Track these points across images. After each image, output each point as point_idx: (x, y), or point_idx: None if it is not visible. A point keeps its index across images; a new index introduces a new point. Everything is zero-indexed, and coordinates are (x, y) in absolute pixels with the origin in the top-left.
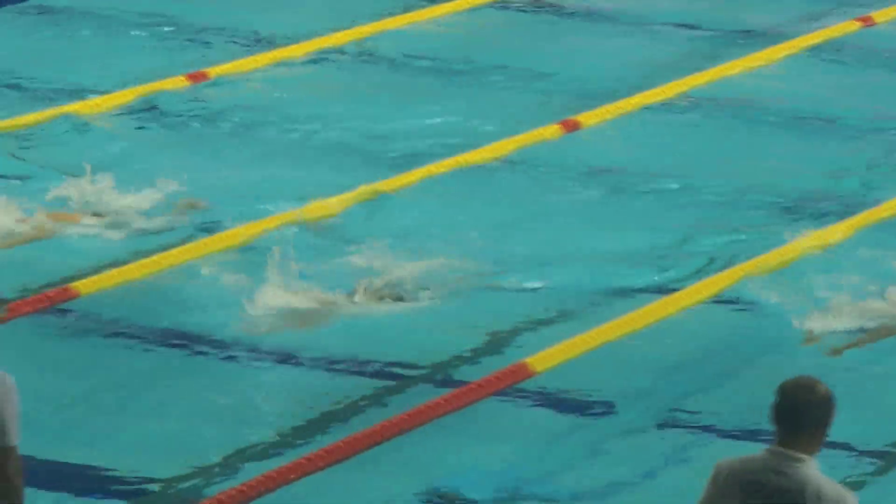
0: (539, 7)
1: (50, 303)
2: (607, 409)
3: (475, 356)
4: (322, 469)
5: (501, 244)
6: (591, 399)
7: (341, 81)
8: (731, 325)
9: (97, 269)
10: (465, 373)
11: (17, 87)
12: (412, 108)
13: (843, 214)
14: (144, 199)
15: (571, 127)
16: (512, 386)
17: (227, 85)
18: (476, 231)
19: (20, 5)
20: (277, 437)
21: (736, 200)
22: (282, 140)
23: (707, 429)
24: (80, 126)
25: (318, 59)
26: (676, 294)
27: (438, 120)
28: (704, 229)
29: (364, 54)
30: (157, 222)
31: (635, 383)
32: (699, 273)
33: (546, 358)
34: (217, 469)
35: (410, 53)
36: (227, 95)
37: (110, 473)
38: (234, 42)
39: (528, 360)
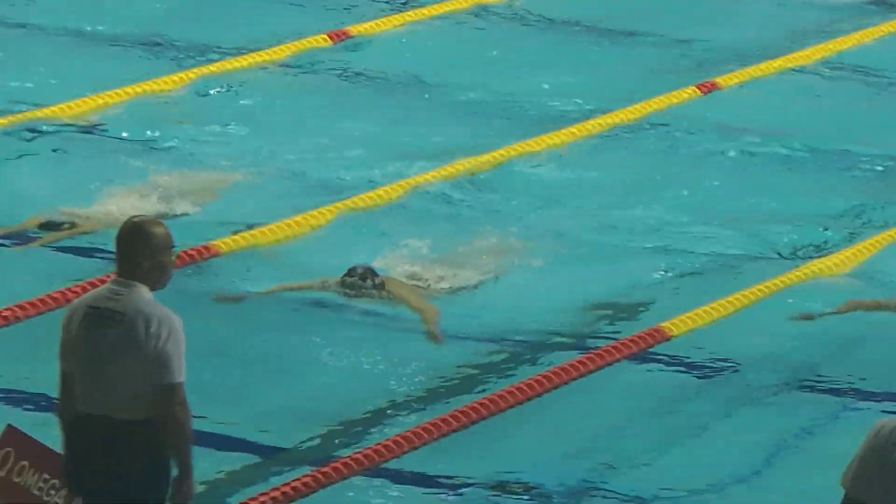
0: None
1: (191, 260)
2: (739, 372)
3: (612, 320)
4: (458, 430)
5: (638, 206)
6: (723, 363)
7: (484, 41)
8: (871, 294)
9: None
10: (601, 336)
11: (167, 46)
12: (551, 69)
13: None
14: (283, 159)
15: (709, 89)
16: (648, 349)
17: (367, 44)
18: (612, 194)
19: None
20: (412, 403)
21: (874, 167)
22: (421, 100)
23: (839, 393)
24: (227, 85)
25: (459, 19)
26: (815, 262)
27: (578, 81)
28: (842, 196)
29: (510, 14)
30: (290, 185)
31: (769, 348)
32: (836, 241)
33: (682, 322)
34: (339, 433)
35: (552, 15)
36: (368, 55)
37: (246, 434)
38: (378, 1)
39: (665, 324)
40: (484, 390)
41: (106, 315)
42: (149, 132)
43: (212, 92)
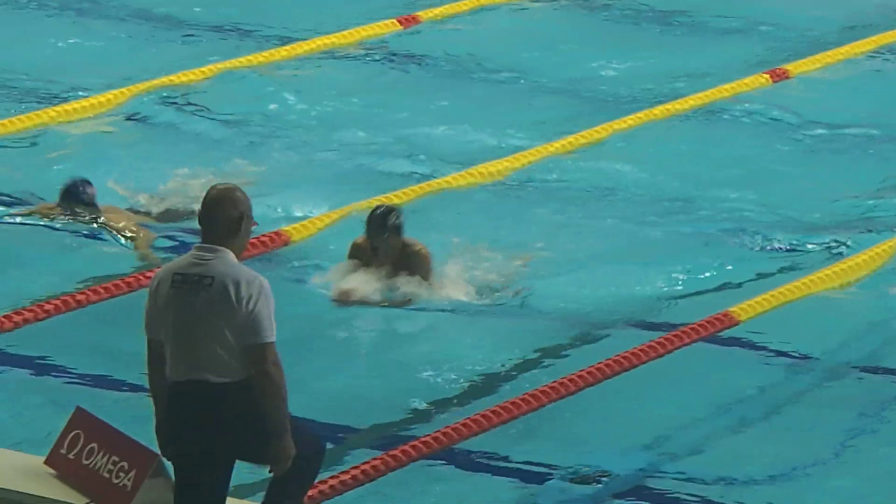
0: None
1: (265, 248)
2: (808, 357)
3: (680, 305)
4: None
5: (705, 192)
6: (791, 348)
7: (552, 27)
8: None
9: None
10: (670, 321)
11: (237, 31)
12: (620, 55)
13: None
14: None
15: (779, 76)
16: (716, 334)
17: (435, 29)
18: (679, 181)
19: None
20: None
21: None
22: (489, 86)
23: None
24: (295, 70)
25: (526, 4)
26: (882, 247)
27: (647, 66)
28: None
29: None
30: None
31: (837, 333)
32: None
33: (750, 307)
34: (409, 416)
35: (622, 0)
36: (436, 40)
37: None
38: None
39: (733, 308)
40: (553, 374)
41: (195, 280)
42: (220, 116)
43: (281, 76)
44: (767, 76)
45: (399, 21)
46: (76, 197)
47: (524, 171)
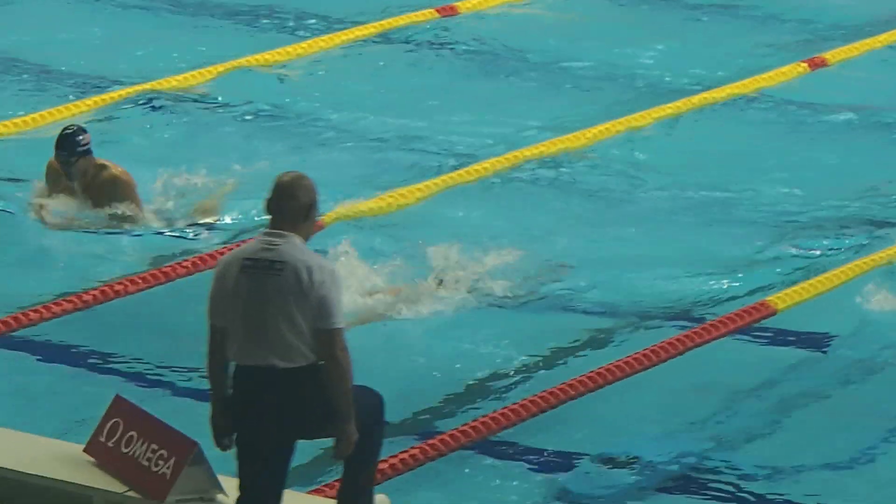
0: None
1: None
2: (847, 346)
3: (718, 294)
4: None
5: (744, 180)
6: (830, 337)
7: (591, 14)
8: None
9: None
10: (708, 310)
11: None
12: (660, 42)
13: None
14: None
15: (818, 64)
16: (754, 324)
17: (473, 18)
18: (719, 169)
19: None
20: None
21: None
22: (528, 73)
23: None
24: (332, 58)
25: None
26: None
27: (688, 54)
28: None
29: None
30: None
31: (877, 322)
32: None
33: (788, 296)
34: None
35: None
36: (474, 29)
37: None
38: None
39: (771, 298)
40: (590, 364)
41: (265, 266)
42: (258, 105)
43: (319, 64)
44: (805, 64)
45: (437, 11)
46: (70, 146)
47: (559, 158)
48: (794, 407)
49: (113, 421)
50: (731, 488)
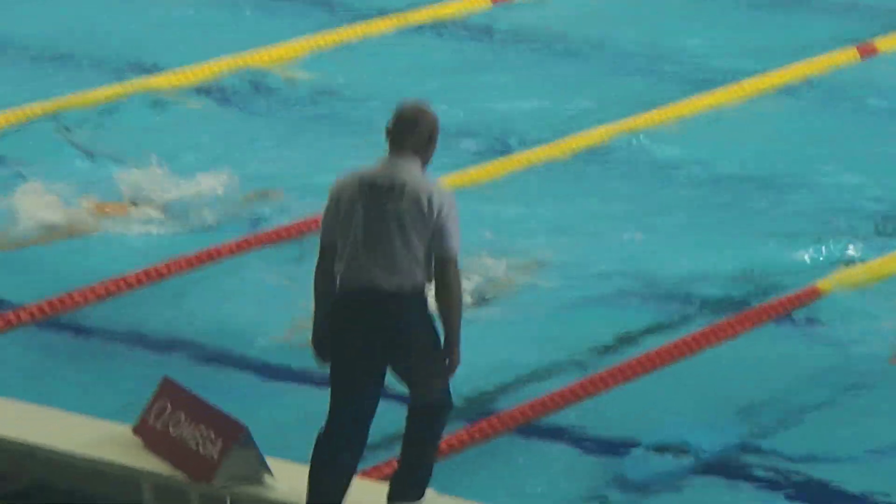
0: None
1: None
2: None
3: (767, 280)
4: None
5: (795, 166)
6: (882, 324)
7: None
8: None
9: None
10: (757, 295)
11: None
12: (711, 29)
13: None
14: None
15: (868, 51)
16: (802, 309)
17: (528, 4)
18: (766, 155)
19: None
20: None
21: None
22: (581, 58)
23: None
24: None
25: None
26: None
27: (737, 40)
28: None
29: None
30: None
31: None
32: None
33: (838, 282)
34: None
35: None
36: (529, 14)
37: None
38: None
39: (820, 283)
40: (638, 349)
41: (384, 189)
42: (308, 90)
43: (379, 48)
44: (856, 51)
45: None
46: None
47: (610, 144)
48: (843, 392)
49: (161, 402)
50: (778, 475)
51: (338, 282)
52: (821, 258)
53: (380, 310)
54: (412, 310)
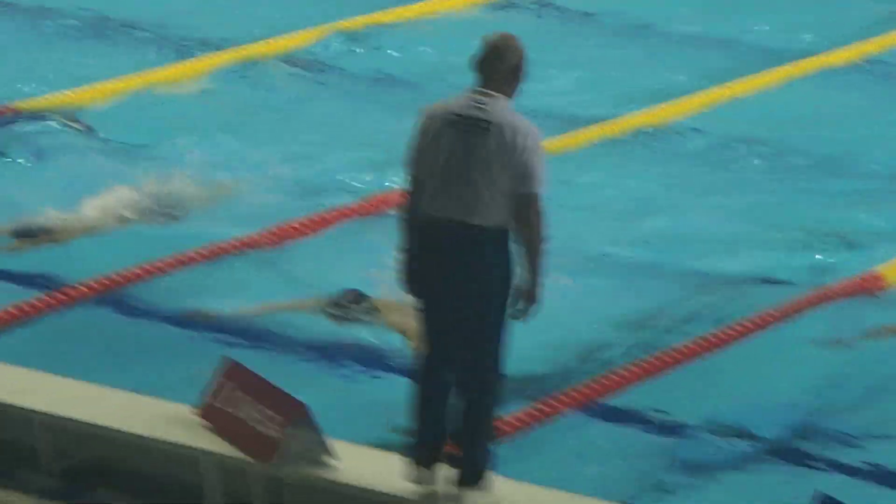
0: None
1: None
2: None
3: (827, 263)
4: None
5: (859, 146)
6: None
7: None
8: None
9: None
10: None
11: None
12: (773, 8)
13: None
14: None
15: None
16: (862, 294)
17: None
18: (832, 134)
19: None
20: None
21: None
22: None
23: None
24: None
25: None
26: None
27: (798, 20)
28: None
29: None
30: None
31: None
32: None
33: None
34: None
35: None
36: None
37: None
38: None
39: (880, 268)
40: (698, 331)
41: (472, 122)
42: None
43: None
44: None
45: None
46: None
47: (683, 120)
48: None
49: (223, 382)
50: (838, 457)
51: (423, 213)
52: (886, 241)
53: (460, 243)
54: (492, 245)
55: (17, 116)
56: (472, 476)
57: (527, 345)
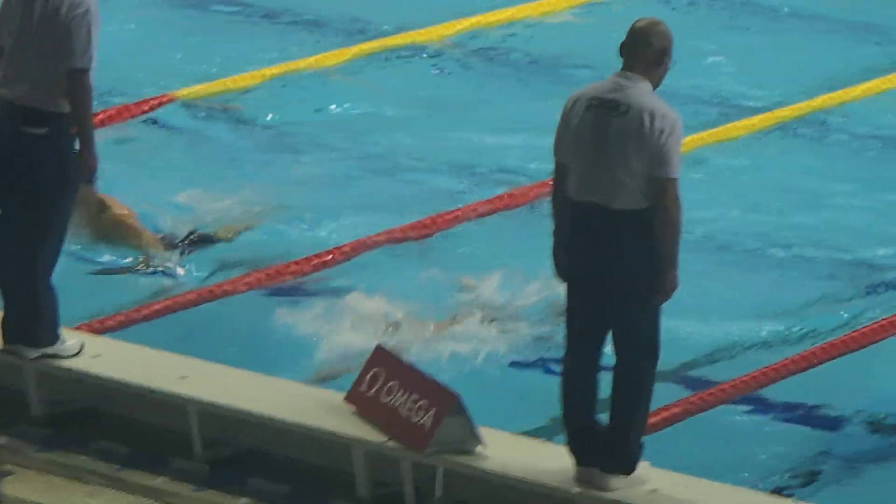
0: None
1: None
2: None
3: None
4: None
5: None
6: None
7: None
8: None
9: None
10: None
11: None
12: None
13: None
14: None
15: None
16: None
17: None
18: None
19: None
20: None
21: None
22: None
23: None
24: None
25: None
26: None
27: None
28: None
29: None
30: None
31: None
32: None
33: None
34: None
35: None
36: None
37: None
38: None
39: None
40: (853, 325)
41: (610, 106)
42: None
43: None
44: None
45: None
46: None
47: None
48: None
49: (374, 371)
50: None
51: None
52: None
53: (603, 227)
54: (634, 230)
55: (173, 104)
56: (623, 464)
57: (681, 334)
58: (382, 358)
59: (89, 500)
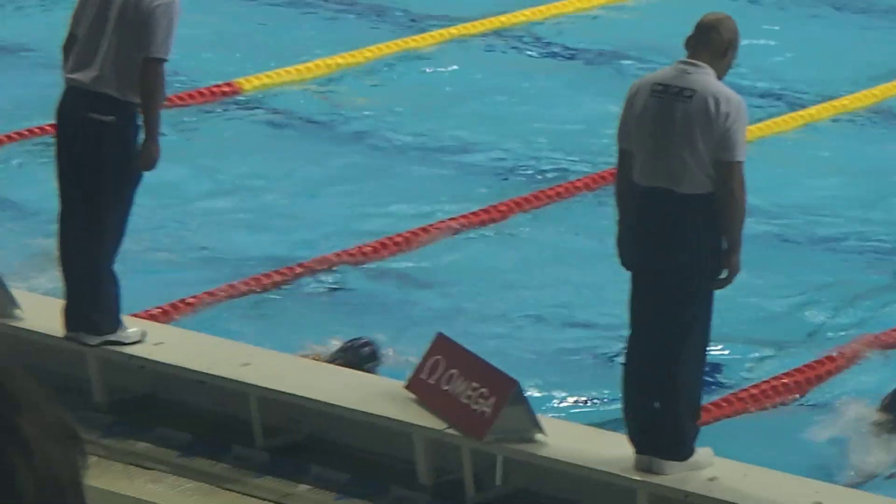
0: None
1: None
2: None
3: None
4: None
5: None
6: None
7: None
8: None
9: None
10: None
11: None
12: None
13: None
14: None
15: None
16: None
17: None
18: None
19: None
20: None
21: None
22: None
23: None
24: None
25: None
26: None
27: None
28: None
29: None
30: None
31: None
32: None
33: None
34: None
35: None
36: None
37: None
38: None
39: None
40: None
41: (675, 91)
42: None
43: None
44: None
45: None
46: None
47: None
48: None
49: (434, 358)
50: None
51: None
52: None
53: (669, 212)
54: (699, 215)
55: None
56: (679, 450)
57: (746, 318)
58: (443, 345)
59: (150, 486)
